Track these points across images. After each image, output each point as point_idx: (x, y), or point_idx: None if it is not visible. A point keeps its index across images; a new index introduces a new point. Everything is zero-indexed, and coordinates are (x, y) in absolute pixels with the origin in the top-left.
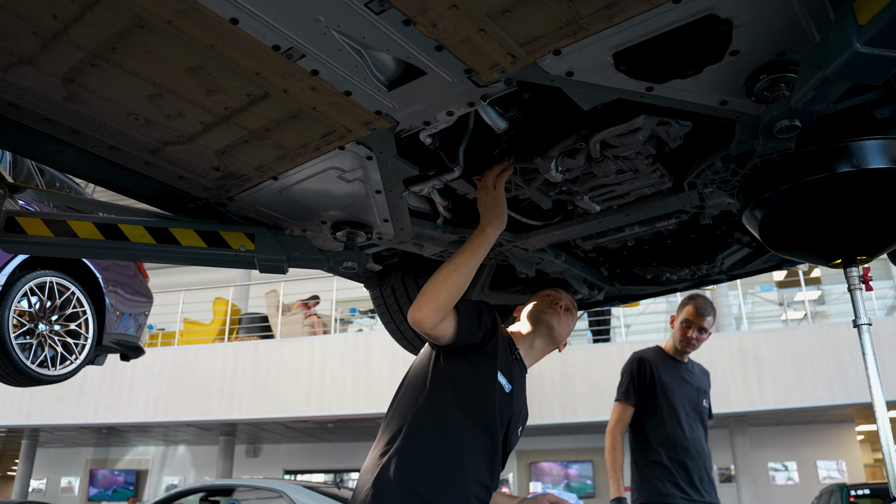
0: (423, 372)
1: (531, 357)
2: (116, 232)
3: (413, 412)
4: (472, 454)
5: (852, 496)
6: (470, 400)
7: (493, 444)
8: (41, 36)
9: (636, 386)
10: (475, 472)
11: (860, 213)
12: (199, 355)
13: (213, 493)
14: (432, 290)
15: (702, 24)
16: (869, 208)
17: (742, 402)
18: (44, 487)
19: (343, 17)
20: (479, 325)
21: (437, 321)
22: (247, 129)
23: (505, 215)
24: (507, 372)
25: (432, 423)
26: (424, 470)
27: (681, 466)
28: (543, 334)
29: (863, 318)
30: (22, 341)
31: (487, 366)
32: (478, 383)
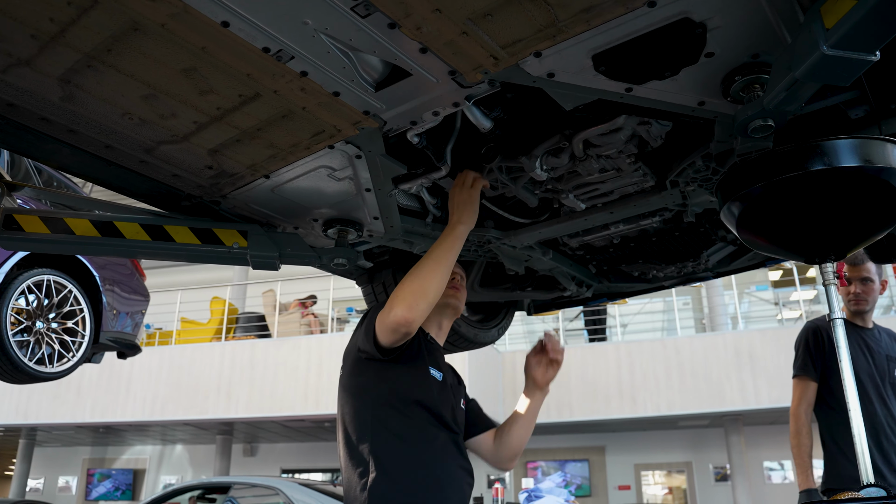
0: (361, 390)
1: (441, 336)
2: (112, 229)
3: (370, 432)
4: (443, 448)
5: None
6: (416, 403)
7: (452, 431)
8: (39, 38)
9: (813, 357)
10: (454, 459)
11: (834, 210)
12: (196, 354)
13: (209, 491)
14: (421, 289)
15: (677, 27)
16: (842, 206)
17: (737, 401)
18: (41, 487)
19: (330, 20)
20: None
21: (423, 320)
22: (239, 129)
23: (476, 214)
24: (434, 362)
25: (394, 436)
26: (411, 483)
27: (874, 445)
28: (449, 315)
29: (837, 313)
30: (19, 339)
31: (419, 364)
32: (417, 385)
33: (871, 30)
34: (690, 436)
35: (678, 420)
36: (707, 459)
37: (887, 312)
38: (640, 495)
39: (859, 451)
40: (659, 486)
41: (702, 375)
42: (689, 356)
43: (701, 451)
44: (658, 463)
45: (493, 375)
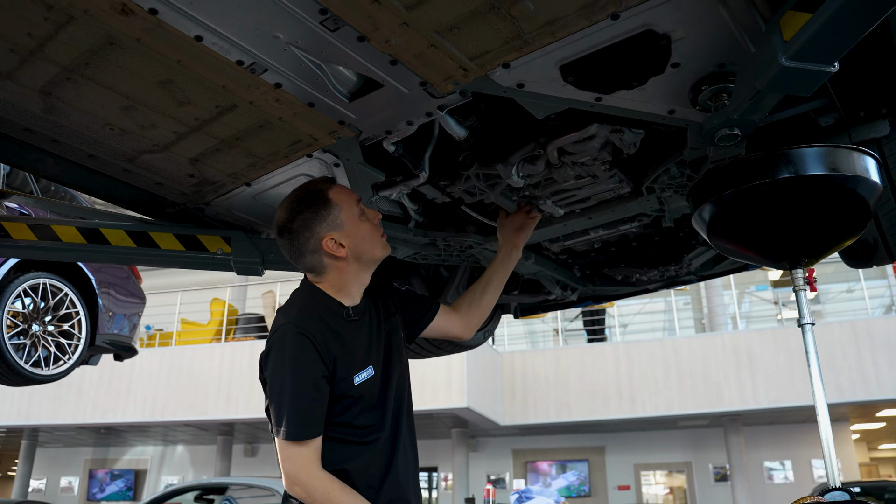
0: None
1: (361, 292)
2: (98, 236)
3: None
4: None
5: None
6: (355, 425)
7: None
8: (18, 52)
9: None
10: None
11: (804, 216)
12: (196, 355)
13: (207, 492)
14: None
15: (642, 39)
16: (812, 212)
17: (735, 401)
18: (44, 487)
19: (300, 34)
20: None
21: None
22: (218, 139)
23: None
24: (362, 359)
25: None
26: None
27: None
28: (372, 264)
29: (806, 318)
30: (16, 341)
31: (346, 382)
32: (350, 405)
33: (829, 41)
34: (690, 436)
35: (677, 420)
36: (707, 459)
37: (888, 312)
38: (640, 495)
39: (826, 456)
40: (659, 486)
41: (700, 376)
42: (687, 356)
43: (700, 451)
44: (658, 463)
45: (492, 376)
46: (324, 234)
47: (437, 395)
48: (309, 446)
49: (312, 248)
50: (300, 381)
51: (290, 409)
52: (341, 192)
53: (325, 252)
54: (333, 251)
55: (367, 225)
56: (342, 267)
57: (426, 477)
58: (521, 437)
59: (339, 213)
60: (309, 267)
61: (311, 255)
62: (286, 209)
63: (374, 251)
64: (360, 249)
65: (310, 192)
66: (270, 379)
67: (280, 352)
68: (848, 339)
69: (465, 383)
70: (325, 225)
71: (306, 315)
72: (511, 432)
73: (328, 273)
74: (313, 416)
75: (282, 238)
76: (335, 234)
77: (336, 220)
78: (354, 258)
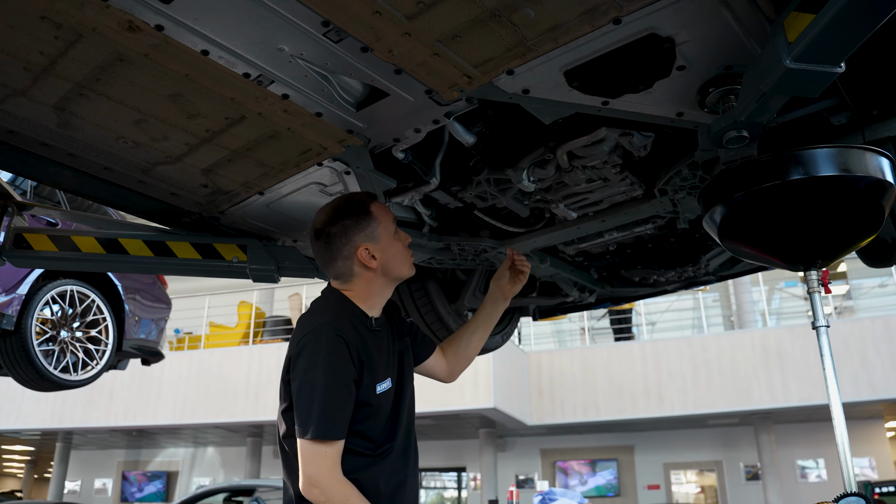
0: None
1: (381, 307)
2: (117, 246)
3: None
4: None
5: (876, 493)
6: (370, 437)
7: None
8: (31, 70)
9: None
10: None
11: (816, 218)
12: (224, 358)
13: (236, 494)
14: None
15: (646, 42)
16: (824, 213)
17: (765, 399)
18: (78, 489)
19: (305, 46)
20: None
21: None
22: (229, 149)
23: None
24: (383, 369)
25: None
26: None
27: None
28: (396, 281)
29: (821, 321)
30: (45, 348)
31: (370, 390)
32: (369, 414)
33: (833, 42)
34: (720, 434)
35: (707, 419)
36: (738, 458)
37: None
38: (670, 495)
39: (842, 459)
40: (689, 486)
41: (730, 373)
42: (716, 354)
43: (731, 450)
44: (688, 462)
45: (519, 376)
46: (360, 243)
47: (464, 396)
48: (334, 448)
49: (346, 255)
50: (334, 381)
51: (321, 408)
52: (382, 208)
53: (358, 260)
54: (366, 261)
55: (400, 244)
56: (370, 278)
57: (455, 477)
58: (549, 436)
59: (378, 226)
60: (338, 273)
61: (344, 261)
62: (327, 213)
63: (402, 269)
64: (390, 265)
65: (353, 201)
66: (301, 377)
67: (315, 351)
68: (881, 335)
69: (491, 383)
70: (363, 235)
71: (340, 318)
72: (539, 432)
73: (355, 282)
74: (342, 417)
75: (318, 240)
76: (370, 245)
77: (374, 232)
78: (383, 272)
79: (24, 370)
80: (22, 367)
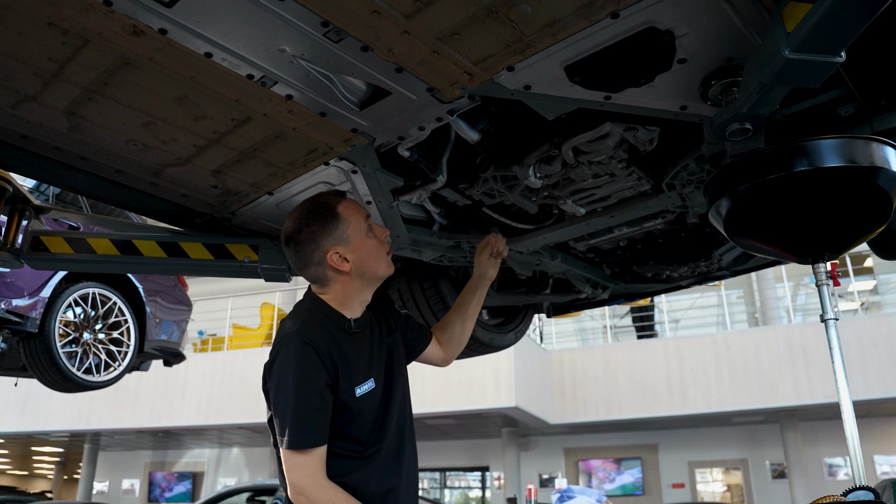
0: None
1: (363, 307)
2: (131, 247)
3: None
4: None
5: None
6: (356, 439)
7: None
8: (41, 76)
9: None
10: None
11: (823, 210)
12: (247, 359)
13: (259, 493)
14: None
15: (645, 36)
16: (831, 205)
17: (790, 397)
18: (106, 489)
19: (305, 46)
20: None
21: None
22: (236, 150)
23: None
24: (363, 371)
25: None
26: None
27: None
28: (375, 281)
29: (829, 314)
30: (68, 349)
31: (348, 393)
32: (351, 419)
33: (831, 31)
34: (745, 432)
35: (731, 416)
36: (763, 456)
37: None
38: (695, 493)
39: (852, 454)
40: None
41: (753, 370)
42: (739, 351)
43: (757, 448)
44: (713, 460)
45: (541, 374)
46: (329, 248)
47: (486, 395)
48: (313, 455)
49: (317, 261)
50: (304, 390)
51: (293, 418)
52: (350, 206)
53: (329, 265)
54: (337, 265)
55: (374, 242)
56: (345, 281)
57: (479, 477)
58: (572, 435)
59: (347, 227)
60: (313, 278)
61: (316, 267)
62: (294, 219)
63: (377, 269)
64: (364, 266)
65: (319, 204)
66: (275, 388)
67: (284, 361)
68: None
69: (513, 382)
70: (332, 239)
71: (310, 325)
72: (562, 431)
73: (331, 286)
74: (317, 424)
75: (288, 248)
76: (340, 248)
77: (343, 234)
78: (358, 274)
79: (48, 371)
80: (46, 368)
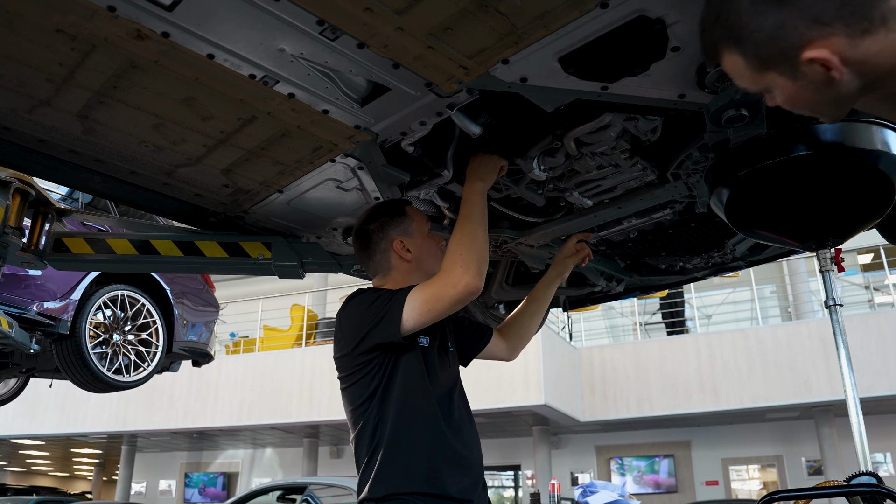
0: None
1: None
2: (148, 247)
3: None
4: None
5: None
6: (410, 387)
7: (445, 394)
8: (53, 81)
9: None
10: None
11: (825, 195)
12: (279, 361)
13: (290, 491)
14: (479, 253)
15: (636, 25)
16: (833, 190)
17: (825, 392)
18: (144, 490)
19: (303, 45)
20: None
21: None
22: (244, 149)
23: (494, 173)
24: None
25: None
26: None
27: None
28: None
29: (834, 300)
30: (98, 350)
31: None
32: (412, 361)
33: None
34: (779, 428)
35: (765, 412)
36: (799, 453)
37: None
38: (729, 490)
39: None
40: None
41: (787, 365)
42: (772, 346)
43: (792, 444)
44: (747, 457)
45: (570, 372)
46: (395, 237)
47: (515, 393)
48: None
49: (383, 248)
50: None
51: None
52: (415, 210)
53: (394, 252)
54: (401, 253)
55: (433, 243)
56: (406, 270)
57: (511, 476)
58: (603, 433)
59: (411, 223)
60: (377, 267)
61: (382, 255)
62: (366, 213)
63: (434, 266)
64: (423, 261)
65: (390, 202)
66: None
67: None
68: None
69: (542, 380)
70: (398, 230)
71: None
72: (593, 428)
73: (392, 275)
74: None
75: (357, 238)
76: (405, 238)
77: (408, 228)
78: (417, 266)
79: (79, 372)
80: (77, 369)
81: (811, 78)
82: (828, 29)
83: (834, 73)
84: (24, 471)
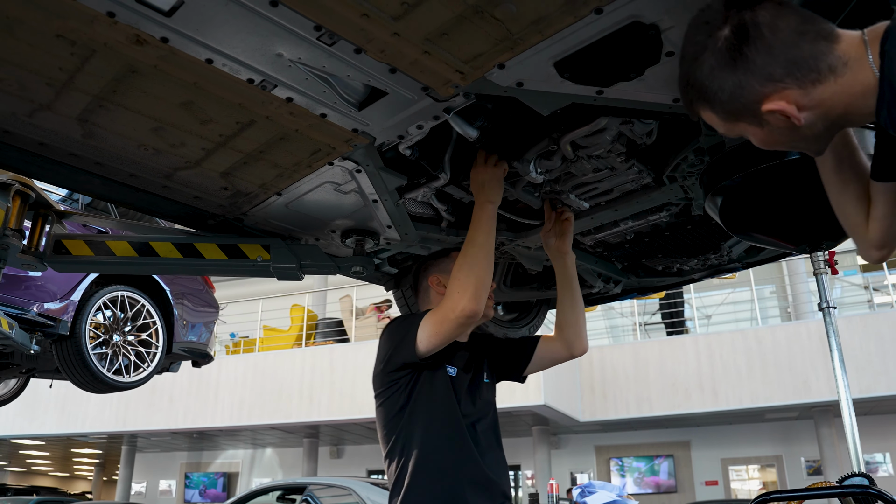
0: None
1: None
2: (148, 249)
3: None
4: (471, 446)
5: None
6: (436, 412)
7: (475, 422)
8: (53, 85)
9: None
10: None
11: (819, 198)
12: (278, 361)
13: (289, 491)
14: (478, 279)
15: (631, 31)
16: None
17: (824, 392)
18: (144, 490)
19: (301, 50)
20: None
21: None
22: (243, 153)
23: (501, 189)
24: (449, 359)
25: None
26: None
27: None
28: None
29: (827, 302)
30: (98, 351)
31: (438, 364)
32: (438, 387)
33: None
34: (779, 428)
35: (764, 412)
36: (798, 453)
37: None
38: (729, 490)
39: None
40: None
41: (786, 366)
42: (771, 346)
43: (791, 445)
44: (746, 457)
45: (570, 372)
46: (432, 275)
47: (514, 393)
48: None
49: (425, 287)
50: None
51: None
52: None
53: (431, 287)
54: (436, 290)
55: None
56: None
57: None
58: (603, 433)
59: (451, 262)
60: (421, 303)
61: (424, 293)
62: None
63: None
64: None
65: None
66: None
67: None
68: None
69: (541, 380)
70: (438, 269)
71: None
72: (593, 429)
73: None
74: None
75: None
76: (442, 276)
77: (447, 267)
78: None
79: (79, 373)
80: (78, 369)
81: (776, 124)
82: (780, 84)
83: (793, 119)
84: (24, 471)
